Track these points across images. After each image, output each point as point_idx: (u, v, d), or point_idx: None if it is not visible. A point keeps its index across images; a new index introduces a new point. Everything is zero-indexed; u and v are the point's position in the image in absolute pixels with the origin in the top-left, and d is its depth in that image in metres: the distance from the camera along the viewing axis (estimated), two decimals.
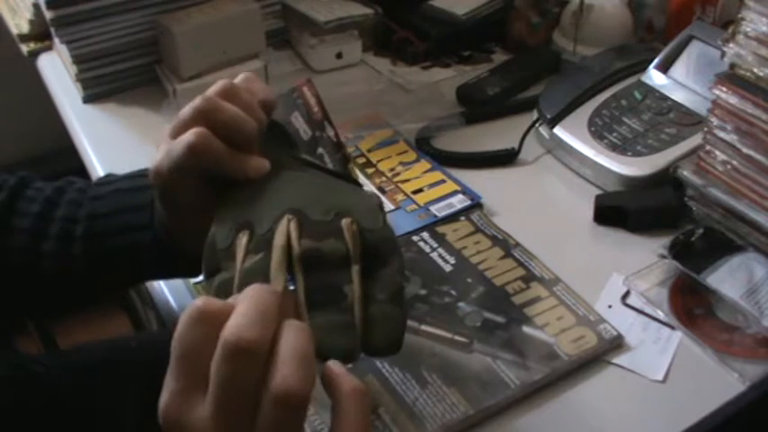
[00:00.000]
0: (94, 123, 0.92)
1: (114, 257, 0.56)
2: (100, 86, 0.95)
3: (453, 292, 0.64)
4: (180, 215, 0.52)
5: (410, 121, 0.88)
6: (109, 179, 0.60)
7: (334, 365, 0.37)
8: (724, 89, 0.65)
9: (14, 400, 0.65)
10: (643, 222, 0.71)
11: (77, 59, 0.92)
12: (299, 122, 0.71)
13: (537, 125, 0.83)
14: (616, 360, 0.59)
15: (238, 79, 0.51)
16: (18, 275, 0.57)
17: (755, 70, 0.62)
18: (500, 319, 0.62)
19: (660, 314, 0.63)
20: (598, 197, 0.73)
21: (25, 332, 1.36)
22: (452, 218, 0.73)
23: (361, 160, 0.82)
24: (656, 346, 0.60)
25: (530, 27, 1.01)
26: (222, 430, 0.34)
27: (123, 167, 0.61)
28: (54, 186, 0.60)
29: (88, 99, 0.95)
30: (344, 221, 0.44)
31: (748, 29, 0.61)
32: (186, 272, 0.61)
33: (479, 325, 0.61)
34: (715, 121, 0.66)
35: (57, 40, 0.93)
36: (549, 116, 0.81)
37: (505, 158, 0.82)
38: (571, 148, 0.79)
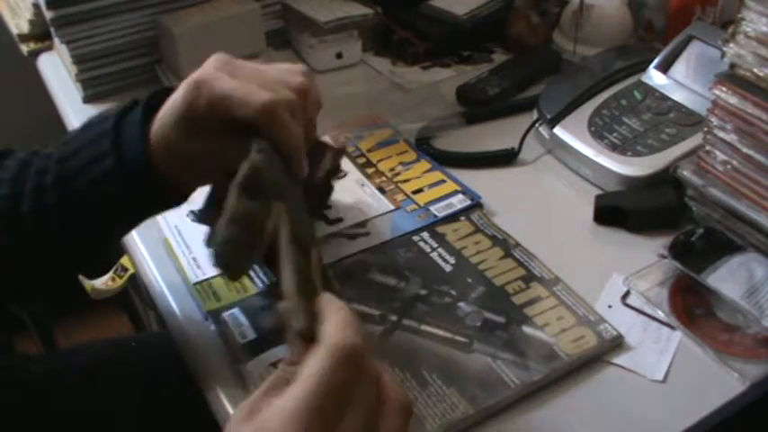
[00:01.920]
0: None
1: (85, 198, 0.54)
2: (100, 86, 0.95)
3: (453, 292, 0.64)
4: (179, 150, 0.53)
5: (410, 121, 0.88)
6: (68, 142, 0.58)
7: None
8: (724, 89, 0.65)
9: (14, 400, 0.65)
10: (643, 222, 0.71)
11: (77, 59, 0.92)
12: None
13: (537, 125, 0.83)
14: (616, 360, 0.59)
15: (301, 75, 0.52)
16: (2, 251, 0.56)
17: (755, 70, 0.62)
18: (500, 319, 0.62)
19: (660, 314, 0.63)
20: (598, 197, 0.73)
21: (25, 332, 1.36)
22: (452, 218, 0.73)
23: (361, 160, 0.82)
24: (656, 346, 0.60)
25: (530, 27, 1.01)
26: None
27: None
28: (31, 150, 0.58)
29: (88, 99, 0.95)
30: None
31: (748, 29, 0.61)
32: (162, 203, 0.59)
33: (479, 325, 0.61)
34: (715, 121, 0.66)
35: (57, 40, 0.93)
36: (549, 116, 0.81)
37: (505, 158, 0.82)
38: (571, 148, 0.79)
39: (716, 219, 0.68)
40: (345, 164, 0.81)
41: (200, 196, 0.60)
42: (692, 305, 0.63)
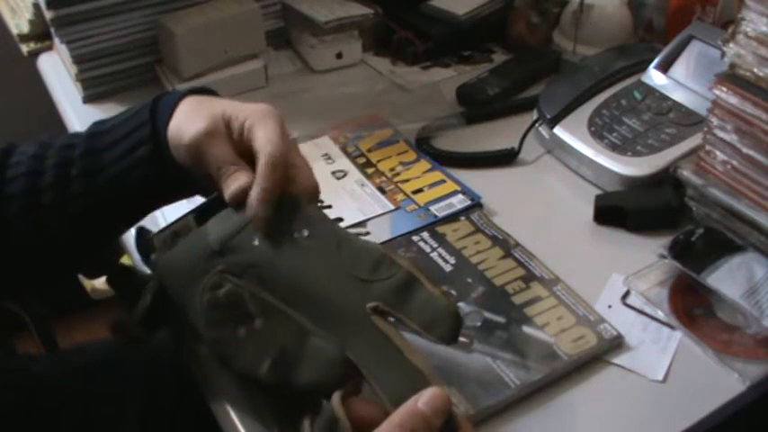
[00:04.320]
0: None
1: (114, 187, 0.55)
2: (100, 86, 0.95)
3: (453, 292, 0.64)
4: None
5: (410, 121, 0.88)
6: (103, 122, 0.59)
7: None
8: (724, 89, 0.64)
9: (15, 400, 0.65)
10: (643, 222, 0.71)
11: (77, 59, 0.92)
12: None
13: (537, 125, 0.83)
14: (616, 360, 0.59)
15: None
16: (20, 246, 0.56)
17: (755, 70, 0.62)
18: (500, 319, 0.62)
19: (660, 314, 0.63)
20: (598, 197, 0.73)
21: (25, 332, 1.36)
22: (452, 218, 0.73)
23: (361, 160, 0.82)
24: (656, 346, 0.60)
25: (530, 27, 1.01)
26: None
27: None
28: (39, 142, 0.59)
29: (88, 99, 0.95)
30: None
31: (748, 29, 0.61)
32: (188, 190, 0.60)
33: (479, 325, 0.61)
34: (715, 121, 0.66)
35: (57, 40, 0.93)
36: (549, 116, 0.81)
37: (505, 158, 0.82)
38: (571, 147, 0.79)
39: (716, 219, 0.68)
40: (345, 164, 0.82)
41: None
42: (692, 305, 0.63)
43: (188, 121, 0.54)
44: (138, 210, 0.61)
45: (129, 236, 0.72)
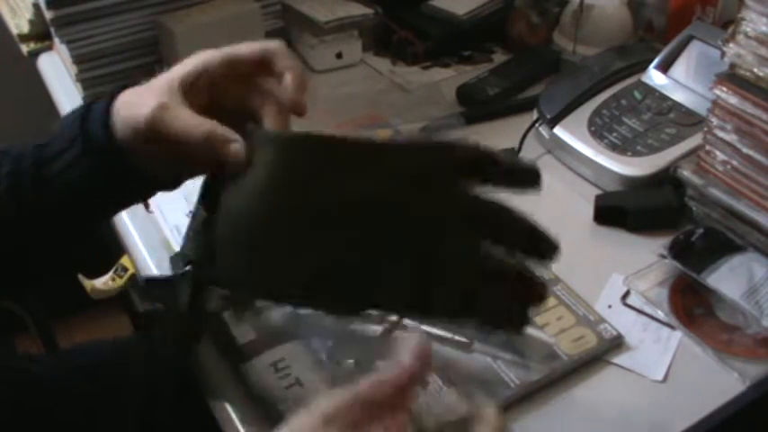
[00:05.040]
0: None
1: (64, 197, 0.55)
2: (100, 86, 0.95)
3: None
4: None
5: (410, 121, 0.88)
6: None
7: None
8: (724, 89, 0.64)
9: (14, 400, 0.65)
10: (643, 222, 0.71)
11: (77, 59, 0.92)
12: None
13: (537, 125, 0.83)
14: (616, 360, 0.59)
15: None
16: None
17: (755, 70, 0.62)
18: None
19: (660, 314, 0.63)
20: (598, 197, 0.73)
21: (25, 332, 1.36)
22: None
23: None
24: (656, 346, 0.60)
25: (530, 27, 1.01)
26: None
27: None
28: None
29: (88, 99, 0.95)
30: None
31: (748, 29, 0.61)
32: (137, 193, 0.60)
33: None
34: (715, 121, 0.66)
35: (57, 40, 0.93)
36: (549, 116, 0.81)
37: None
38: (571, 147, 0.79)
39: (716, 219, 0.68)
40: None
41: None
42: (692, 305, 0.63)
43: (132, 108, 0.54)
44: (97, 214, 0.60)
45: (130, 236, 0.73)
